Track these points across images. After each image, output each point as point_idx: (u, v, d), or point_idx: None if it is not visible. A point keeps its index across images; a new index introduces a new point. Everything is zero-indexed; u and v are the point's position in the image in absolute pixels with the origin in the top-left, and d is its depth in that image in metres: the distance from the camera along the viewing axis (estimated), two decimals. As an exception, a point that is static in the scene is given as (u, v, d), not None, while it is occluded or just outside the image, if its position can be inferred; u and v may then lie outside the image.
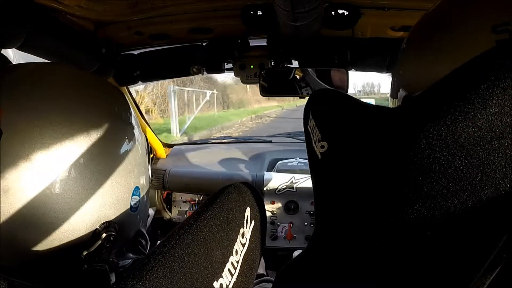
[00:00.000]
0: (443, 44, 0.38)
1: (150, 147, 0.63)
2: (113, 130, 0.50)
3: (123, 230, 0.51)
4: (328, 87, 1.01)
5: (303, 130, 0.49)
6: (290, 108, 19.09)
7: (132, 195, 0.53)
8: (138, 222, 0.57)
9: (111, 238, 0.48)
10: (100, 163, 0.47)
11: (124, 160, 0.51)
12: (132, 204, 0.53)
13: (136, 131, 0.56)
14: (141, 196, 0.55)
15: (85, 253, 0.46)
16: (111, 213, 0.49)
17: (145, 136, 0.62)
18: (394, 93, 0.47)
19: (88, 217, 0.46)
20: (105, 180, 0.48)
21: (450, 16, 0.39)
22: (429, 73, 0.38)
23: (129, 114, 0.55)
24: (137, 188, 0.54)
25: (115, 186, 0.49)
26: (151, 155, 1.37)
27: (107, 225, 0.48)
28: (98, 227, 0.47)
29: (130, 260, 0.59)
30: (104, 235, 0.47)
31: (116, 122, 0.51)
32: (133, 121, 0.56)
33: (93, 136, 0.46)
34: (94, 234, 0.47)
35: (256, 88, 1.09)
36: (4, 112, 0.42)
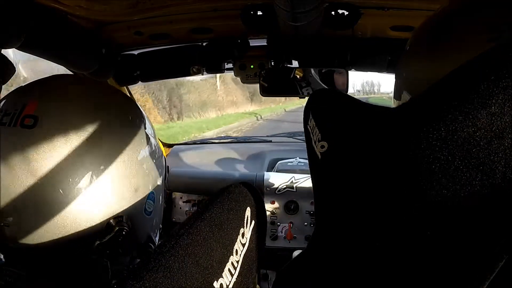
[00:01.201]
0: (446, 46, 0.38)
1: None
2: (131, 137, 0.54)
3: (135, 231, 0.53)
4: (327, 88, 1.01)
5: (303, 130, 0.49)
6: (274, 116, 11.82)
7: (147, 199, 0.55)
8: (150, 227, 0.58)
9: (123, 232, 0.49)
10: (121, 170, 0.50)
11: (142, 167, 0.54)
12: (147, 207, 0.55)
13: (151, 138, 0.59)
14: (155, 201, 0.57)
15: (97, 242, 0.47)
16: (125, 211, 0.51)
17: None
18: (397, 94, 0.47)
19: (103, 211, 0.49)
20: (123, 183, 0.50)
21: (452, 19, 0.39)
22: (433, 75, 0.38)
23: (143, 121, 0.58)
24: (152, 193, 0.56)
25: (132, 187, 0.52)
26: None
27: (120, 219, 0.50)
28: (111, 221, 0.49)
29: None
30: (116, 228, 0.49)
31: (134, 129, 0.55)
32: (148, 128, 0.59)
33: (114, 143, 0.50)
34: (107, 227, 0.49)
35: (230, 87, 1.09)
36: (38, 107, 0.47)
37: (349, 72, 1.02)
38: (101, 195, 0.48)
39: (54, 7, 0.74)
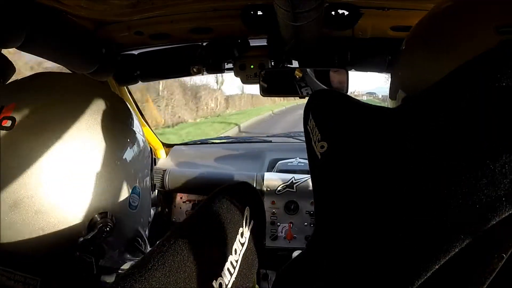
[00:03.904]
0: (444, 44, 0.38)
1: (150, 147, 0.66)
2: (115, 134, 0.53)
3: (121, 226, 0.53)
4: (325, 87, 1.01)
5: (302, 130, 0.49)
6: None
7: (132, 193, 0.54)
8: (137, 222, 0.58)
9: (107, 228, 0.49)
10: (102, 165, 0.49)
11: (125, 163, 0.53)
12: (131, 201, 0.54)
13: (139, 137, 0.58)
14: (141, 196, 0.56)
15: (81, 239, 0.47)
16: (109, 206, 0.50)
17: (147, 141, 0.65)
18: (393, 94, 0.47)
19: (86, 207, 0.48)
20: (105, 178, 0.50)
21: (452, 17, 0.38)
22: (429, 74, 0.38)
23: (131, 120, 0.58)
24: (136, 187, 0.55)
25: (115, 182, 0.51)
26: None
27: (104, 216, 0.49)
28: (95, 216, 0.49)
29: (131, 262, 0.60)
30: (100, 224, 0.48)
31: (118, 126, 0.55)
32: (136, 127, 0.58)
33: (98, 140, 0.50)
34: (91, 223, 0.48)
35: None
36: (17, 108, 0.46)
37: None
38: (83, 190, 0.48)
39: (54, 7, 0.74)
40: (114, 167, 0.51)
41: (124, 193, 0.53)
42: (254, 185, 1.19)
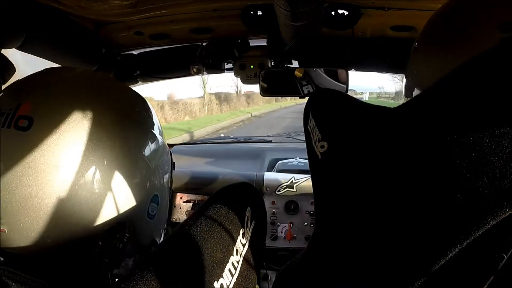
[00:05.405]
0: (457, 41, 0.37)
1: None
2: (136, 134, 0.51)
3: (138, 235, 0.51)
4: (336, 82, 1.01)
5: (302, 130, 0.49)
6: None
7: (150, 202, 0.52)
8: (153, 231, 0.57)
9: (124, 239, 0.47)
10: (122, 166, 0.47)
11: (147, 163, 0.51)
12: (150, 211, 0.53)
13: (158, 136, 0.56)
14: (159, 204, 0.55)
15: (97, 250, 0.46)
16: (128, 214, 0.48)
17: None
18: (408, 93, 0.47)
19: (104, 215, 0.46)
20: (125, 182, 0.48)
21: (463, 14, 0.38)
22: (445, 71, 0.37)
23: (150, 117, 0.56)
24: (156, 196, 0.54)
25: (135, 188, 0.49)
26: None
27: (122, 226, 0.47)
28: (114, 225, 0.47)
29: None
30: (118, 235, 0.47)
31: (139, 126, 0.53)
32: (156, 127, 0.56)
33: (117, 140, 0.47)
34: (109, 233, 0.47)
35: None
36: (33, 107, 0.44)
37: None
38: (101, 196, 0.45)
39: (54, 6, 0.74)
40: (135, 171, 0.49)
41: (144, 201, 0.51)
42: (254, 185, 1.19)
